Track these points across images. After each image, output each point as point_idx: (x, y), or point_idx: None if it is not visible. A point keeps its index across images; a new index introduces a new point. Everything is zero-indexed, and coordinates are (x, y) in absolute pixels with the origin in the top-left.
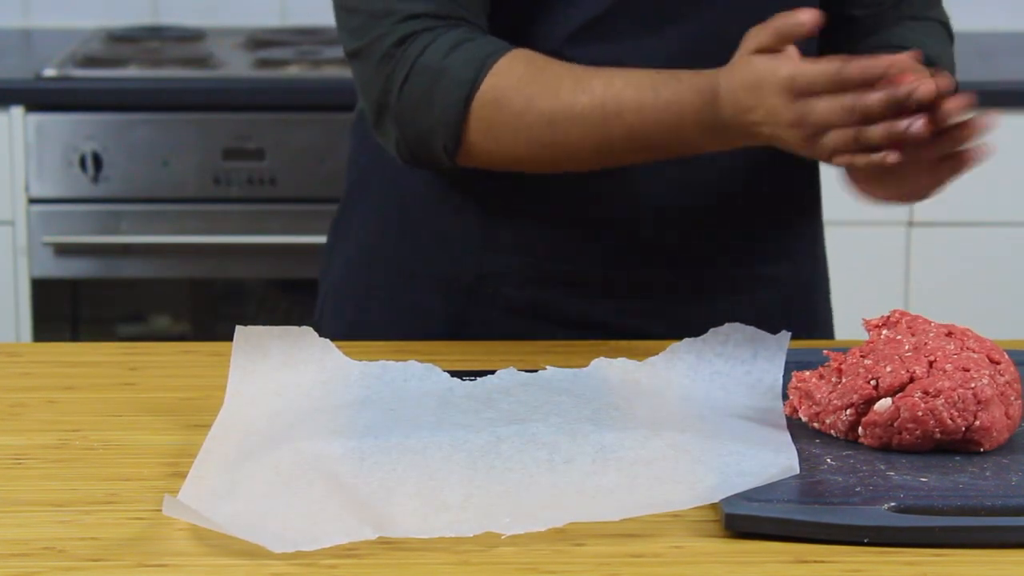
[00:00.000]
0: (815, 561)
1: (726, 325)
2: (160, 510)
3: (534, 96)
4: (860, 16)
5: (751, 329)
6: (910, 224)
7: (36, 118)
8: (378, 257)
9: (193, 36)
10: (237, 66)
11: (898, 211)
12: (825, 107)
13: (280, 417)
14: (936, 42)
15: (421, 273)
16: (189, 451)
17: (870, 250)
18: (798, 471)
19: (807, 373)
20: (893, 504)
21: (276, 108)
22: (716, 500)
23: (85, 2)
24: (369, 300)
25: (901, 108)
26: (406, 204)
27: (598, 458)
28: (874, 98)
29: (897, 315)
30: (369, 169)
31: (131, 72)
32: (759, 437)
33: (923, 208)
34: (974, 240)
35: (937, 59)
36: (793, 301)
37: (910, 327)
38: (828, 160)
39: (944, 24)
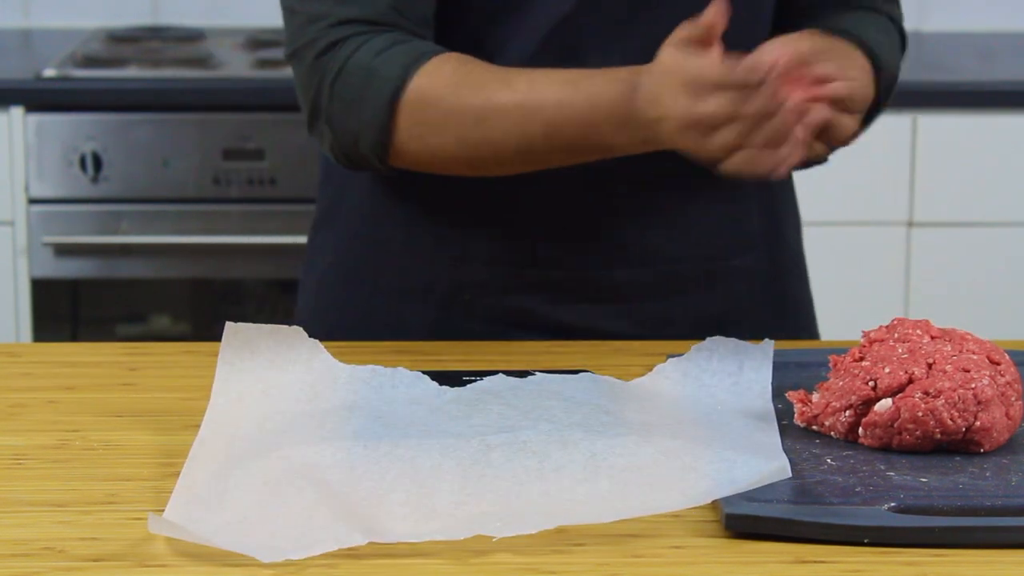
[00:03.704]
0: (815, 561)
1: (708, 340)
2: (160, 510)
3: (462, 95)
4: (801, 3)
5: (734, 341)
6: (910, 224)
7: (36, 118)
8: (353, 272)
9: (193, 36)
10: (237, 66)
11: (898, 211)
12: (715, 104)
13: (268, 421)
14: (882, 35)
15: (396, 287)
16: (188, 451)
17: (870, 250)
18: (790, 475)
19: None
20: (893, 504)
21: (276, 108)
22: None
23: (85, 2)
24: (344, 316)
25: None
26: (380, 218)
27: (589, 465)
28: (755, 106)
29: (895, 323)
30: (343, 184)
31: (131, 72)
32: (750, 443)
33: (923, 208)
34: (974, 240)
35: (878, 48)
36: (764, 290)
37: (903, 337)
38: (718, 166)
39: (895, 21)
